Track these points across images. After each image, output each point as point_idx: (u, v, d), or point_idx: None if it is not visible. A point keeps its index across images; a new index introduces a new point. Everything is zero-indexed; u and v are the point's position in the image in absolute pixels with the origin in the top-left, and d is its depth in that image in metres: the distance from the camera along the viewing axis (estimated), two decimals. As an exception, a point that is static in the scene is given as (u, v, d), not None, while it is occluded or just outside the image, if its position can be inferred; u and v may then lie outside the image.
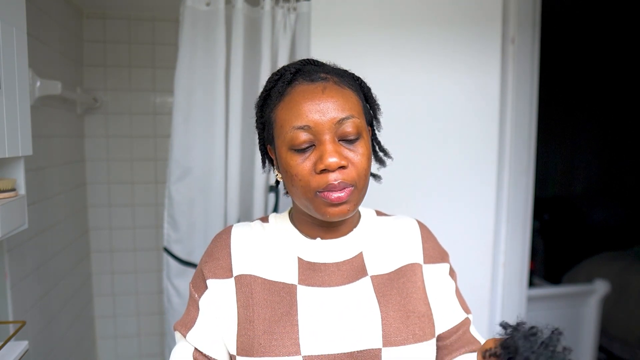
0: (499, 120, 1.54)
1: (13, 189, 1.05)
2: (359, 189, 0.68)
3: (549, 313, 2.02)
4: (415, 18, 1.47)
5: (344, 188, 0.66)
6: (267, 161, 0.81)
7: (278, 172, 0.75)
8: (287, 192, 0.77)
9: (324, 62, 0.76)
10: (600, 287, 2.08)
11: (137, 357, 2.20)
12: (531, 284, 2.25)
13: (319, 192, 0.66)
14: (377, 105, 0.79)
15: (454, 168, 1.54)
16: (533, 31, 1.56)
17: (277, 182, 0.78)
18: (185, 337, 0.71)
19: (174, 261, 1.43)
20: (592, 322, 2.08)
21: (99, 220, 2.10)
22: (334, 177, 0.65)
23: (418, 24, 1.48)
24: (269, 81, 0.74)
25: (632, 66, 3.52)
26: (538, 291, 2.01)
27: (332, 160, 0.64)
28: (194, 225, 1.43)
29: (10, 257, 1.29)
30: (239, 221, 1.36)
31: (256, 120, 0.78)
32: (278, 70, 0.74)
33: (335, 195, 0.66)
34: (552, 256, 3.41)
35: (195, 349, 0.71)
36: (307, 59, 0.74)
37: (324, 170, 0.65)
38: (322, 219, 0.70)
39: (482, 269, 1.58)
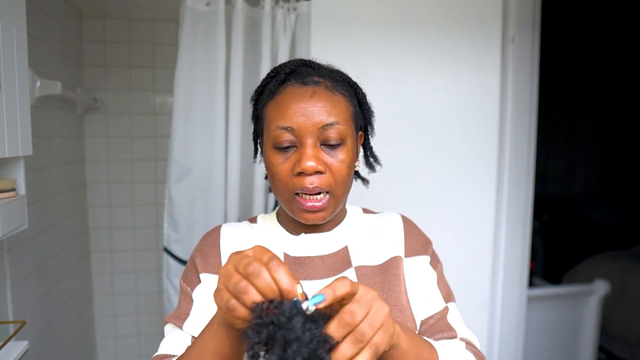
0: (499, 120, 1.54)
1: (13, 189, 1.05)
2: (335, 196, 0.70)
3: (549, 313, 2.02)
4: (415, 18, 1.47)
5: (319, 193, 0.68)
6: (259, 153, 0.82)
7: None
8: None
9: (322, 63, 0.76)
10: (600, 287, 2.08)
11: (137, 357, 2.20)
12: (531, 284, 2.25)
13: (295, 194, 0.69)
14: (372, 112, 0.80)
15: (454, 168, 1.54)
16: (533, 31, 1.56)
17: (266, 176, 0.79)
18: (181, 328, 0.73)
19: (174, 261, 1.43)
20: (592, 322, 2.08)
21: (99, 220, 2.10)
22: (309, 181, 0.67)
23: (418, 23, 1.48)
24: (265, 78, 0.76)
25: (632, 66, 3.52)
26: (538, 291, 2.00)
27: (310, 164, 0.66)
28: (194, 225, 1.43)
29: (10, 257, 1.29)
30: (238, 221, 1.36)
31: (252, 113, 0.80)
32: (275, 68, 0.75)
33: (310, 203, 0.68)
34: (552, 256, 3.41)
35: (193, 337, 0.72)
36: (304, 60, 0.75)
37: (301, 173, 0.67)
38: (298, 221, 0.72)
39: (482, 269, 1.58)
